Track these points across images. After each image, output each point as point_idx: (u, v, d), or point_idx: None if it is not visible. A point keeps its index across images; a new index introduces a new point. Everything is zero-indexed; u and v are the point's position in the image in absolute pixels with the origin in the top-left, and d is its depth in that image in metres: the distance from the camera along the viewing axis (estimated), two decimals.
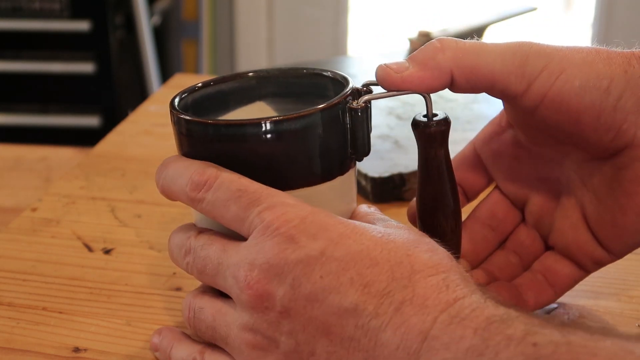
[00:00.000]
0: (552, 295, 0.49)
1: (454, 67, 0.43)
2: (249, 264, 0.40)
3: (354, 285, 0.38)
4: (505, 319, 0.35)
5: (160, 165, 0.45)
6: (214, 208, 0.42)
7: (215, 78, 0.50)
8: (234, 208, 0.41)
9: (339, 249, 0.39)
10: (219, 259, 0.42)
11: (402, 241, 0.40)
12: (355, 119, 0.44)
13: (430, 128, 0.45)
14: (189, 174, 0.43)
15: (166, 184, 0.44)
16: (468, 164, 0.50)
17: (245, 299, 0.40)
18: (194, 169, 0.43)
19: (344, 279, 0.38)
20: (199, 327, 0.44)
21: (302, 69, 0.50)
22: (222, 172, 0.42)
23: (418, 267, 0.38)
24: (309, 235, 0.40)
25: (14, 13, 1.87)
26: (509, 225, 0.50)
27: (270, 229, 0.40)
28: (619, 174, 0.44)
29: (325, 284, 0.38)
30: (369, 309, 0.37)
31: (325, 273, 0.39)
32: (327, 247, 0.39)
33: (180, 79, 0.99)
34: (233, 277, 0.41)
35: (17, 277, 0.56)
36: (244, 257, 0.40)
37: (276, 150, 0.42)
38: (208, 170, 0.42)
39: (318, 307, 0.38)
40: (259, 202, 0.41)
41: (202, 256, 0.43)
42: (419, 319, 0.36)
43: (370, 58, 0.96)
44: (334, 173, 0.45)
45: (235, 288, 0.40)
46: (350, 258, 0.39)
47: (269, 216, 0.40)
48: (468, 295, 0.37)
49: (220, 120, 0.42)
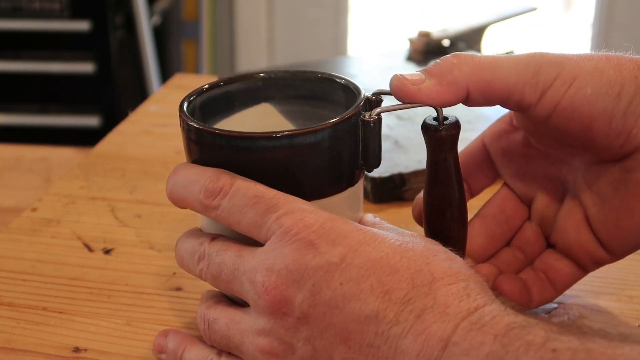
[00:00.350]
0: (554, 293, 0.49)
1: (470, 82, 0.43)
2: (266, 269, 0.40)
3: (374, 293, 0.38)
4: (525, 325, 0.35)
5: (170, 173, 0.45)
6: (230, 215, 0.42)
7: (223, 79, 0.49)
8: (251, 214, 0.41)
9: (359, 256, 0.39)
10: (234, 264, 0.42)
11: (421, 249, 0.40)
12: (368, 131, 0.44)
13: (440, 132, 0.45)
14: (202, 181, 0.42)
15: (176, 191, 0.44)
16: (476, 159, 0.51)
17: (262, 304, 0.40)
18: (207, 176, 0.42)
19: (364, 286, 0.38)
20: (214, 338, 0.44)
21: (314, 72, 0.50)
22: (237, 179, 0.42)
23: (438, 275, 0.38)
24: (328, 241, 0.40)
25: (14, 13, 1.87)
26: (518, 221, 0.51)
27: (289, 235, 0.40)
28: (626, 177, 0.44)
29: (346, 290, 0.38)
30: (390, 316, 0.37)
31: (345, 280, 0.39)
32: (347, 254, 0.39)
33: (180, 79, 0.99)
34: (250, 282, 0.40)
35: (17, 277, 0.56)
36: (261, 261, 0.40)
37: (288, 162, 0.42)
38: (223, 177, 0.42)
39: (338, 313, 0.38)
40: (276, 208, 0.41)
41: (217, 262, 0.43)
42: (440, 326, 0.36)
43: (370, 58, 0.96)
44: (344, 185, 0.45)
45: (252, 293, 0.40)
46: (370, 265, 0.39)
47: (287, 221, 0.40)
48: (488, 304, 0.37)
49: (234, 131, 0.42)
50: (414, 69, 0.92)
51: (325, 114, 0.49)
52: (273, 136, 0.41)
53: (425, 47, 0.94)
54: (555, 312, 0.51)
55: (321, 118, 0.49)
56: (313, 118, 0.50)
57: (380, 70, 0.92)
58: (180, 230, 0.62)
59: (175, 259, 0.46)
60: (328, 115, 0.49)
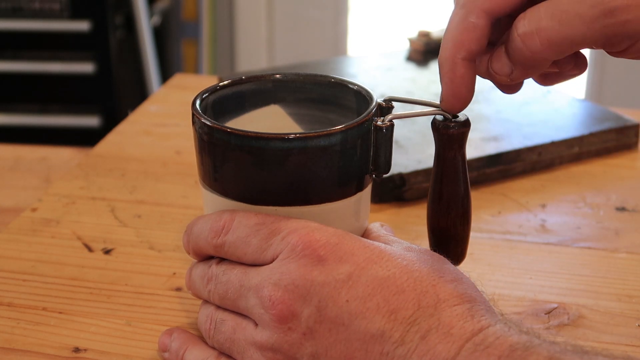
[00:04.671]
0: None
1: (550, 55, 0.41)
2: (273, 284, 0.40)
3: (380, 312, 0.38)
4: (528, 346, 0.35)
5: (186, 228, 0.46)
6: (237, 249, 0.43)
7: (234, 79, 0.49)
8: (255, 241, 0.42)
9: (366, 274, 0.39)
10: (240, 281, 0.42)
11: (428, 270, 0.40)
12: (380, 136, 0.44)
13: (450, 129, 0.45)
14: (208, 225, 0.44)
15: (193, 241, 0.45)
16: None
17: (268, 318, 0.40)
18: (212, 219, 0.44)
19: (370, 305, 0.38)
20: (217, 338, 0.44)
21: (325, 76, 0.50)
22: (237, 214, 0.43)
23: (443, 296, 0.39)
24: (336, 258, 0.40)
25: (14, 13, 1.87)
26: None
27: (296, 251, 0.40)
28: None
29: (352, 308, 0.39)
30: (395, 336, 0.38)
31: (351, 297, 0.39)
32: (353, 272, 0.39)
33: (180, 79, 0.99)
34: (256, 297, 0.41)
35: (17, 277, 0.56)
36: (267, 277, 0.40)
37: (299, 165, 0.42)
38: (224, 215, 0.43)
39: (343, 330, 0.39)
40: (279, 230, 0.41)
41: (223, 281, 0.43)
42: (445, 347, 0.36)
43: (370, 58, 0.96)
44: (353, 190, 0.45)
45: (259, 307, 0.40)
46: (377, 284, 0.39)
47: (293, 239, 0.41)
48: (493, 325, 0.37)
49: (249, 131, 0.42)
50: (414, 69, 0.92)
51: (334, 118, 0.49)
52: (286, 137, 0.42)
53: (425, 47, 0.94)
54: (555, 312, 0.51)
55: (330, 122, 0.49)
56: (321, 122, 0.50)
57: (380, 70, 0.92)
58: (180, 230, 0.62)
59: (186, 285, 0.47)
60: (337, 120, 0.49)
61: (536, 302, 0.52)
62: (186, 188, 0.69)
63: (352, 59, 0.99)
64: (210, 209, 0.46)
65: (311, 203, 0.43)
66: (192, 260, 0.48)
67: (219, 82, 0.49)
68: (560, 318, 0.51)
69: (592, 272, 0.56)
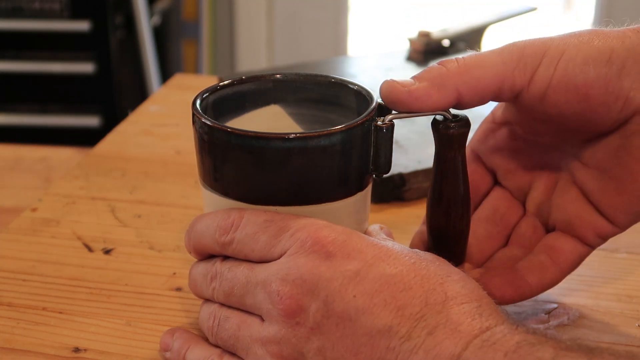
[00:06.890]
0: (557, 274, 0.48)
1: (460, 84, 0.43)
2: (281, 279, 0.40)
3: (387, 307, 0.38)
4: (534, 343, 0.35)
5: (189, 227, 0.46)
6: (245, 246, 0.43)
7: (235, 79, 0.49)
8: (263, 238, 0.42)
9: (373, 271, 0.39)
10: (247, 277, 0.42)
11: (435, 269, 0.40)
12: (381, 136, 0.44)
13: (450, 130, 0.45)
14: (215, 222, 0.44)
15: (196, 239, 0.45)
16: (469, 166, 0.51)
17: (276, 312, 0.40)
18: (219, 217, 0.44)
19: (378, 300, 0.39)
20: (221, 335, 0.44)
21: (326, 76, 0.50)
22: (245, 211, 0.43)
23: (451, 294, 0.39)
24: (344, 255, 0.40)
25: (14, 13, 1.87)
26: (513, 217, 0.50)
27: (305, 247, 0.40)
28: (627, 142, 0.44)
29: (359, 303, 0.39)
30: (402, 332, 0.38)
31: (359, 293, 0.39)
32: (361, 268, 0.39)
33: (180, 79, 0.99)
34: (264, 291, 0.41)
35: (17, 277, 0.56)
36: (275, 272, 0.41)
37: (300, 165, 0.42)
38: (232, 213, 0.43)
39: (350, 326, 0.39)
40: (288, 227, 0.41)
41: (229, 278, 0.43)
42: (452, 342, 0.36)
43: (370, 58, 0.96)
44: (353, 189, 0.45)
45: (266, 302, 0.41)
46: (384, 280, 0.39)
47: (302, 235, 0.41)
48: (500, 324, 0.37)
49: (249, 131, 0.42)
50: (414, 69, 0.92)
51: (335, 118, 0.49)
52: (286, 137, 0.42)
53: (425, 47, 0.94)
54: (555, 312, 0.51)
55: (330, 122, 0.49)
56: (322, 122, 0.50)
57: (380, 70, 0.92)
58: (180, 230, 0.62)
59: (189, 284, 0.47)
60: (337, 120, 0.49)
61: (536, 302, 0.52)
62: (186, 188, 0.69)
63: (352, 59, 0.99)
64: (211, 209, 0.46)
65: (311, 203, 0.43)
66: (192, 260, 0.48)
67: (219, 82, 0.49)
68: (560, 318, 0.51)
69: (592, 272, 0.56)
